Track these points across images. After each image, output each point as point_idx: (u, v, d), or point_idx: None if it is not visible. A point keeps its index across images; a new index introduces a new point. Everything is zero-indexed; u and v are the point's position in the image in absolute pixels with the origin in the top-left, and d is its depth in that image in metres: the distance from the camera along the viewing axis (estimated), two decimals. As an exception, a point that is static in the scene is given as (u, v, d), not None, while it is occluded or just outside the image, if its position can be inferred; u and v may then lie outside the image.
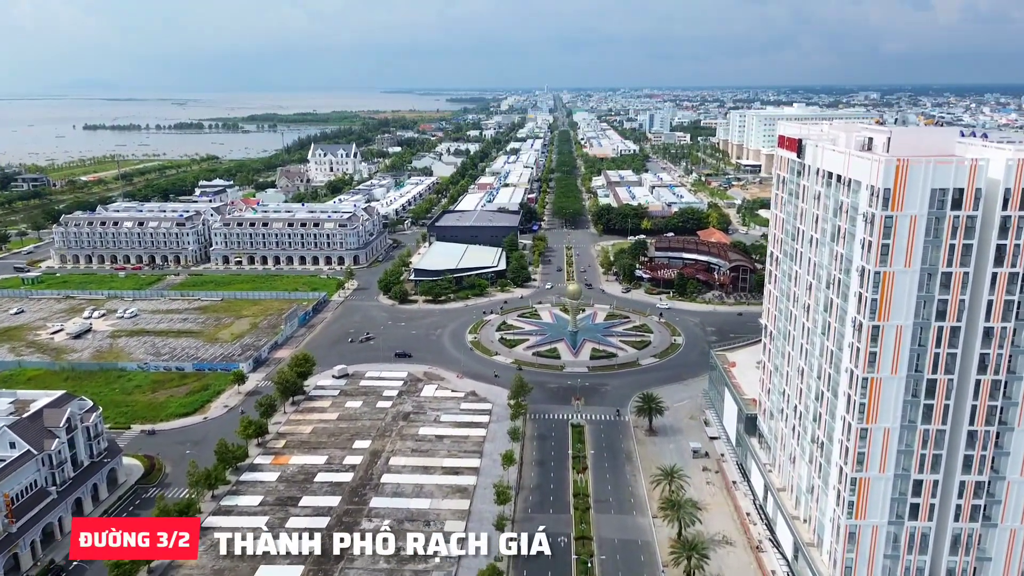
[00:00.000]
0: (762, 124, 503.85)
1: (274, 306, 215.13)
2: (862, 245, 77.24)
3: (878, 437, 79.49)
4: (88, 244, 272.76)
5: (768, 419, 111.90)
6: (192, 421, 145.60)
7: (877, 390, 78.11)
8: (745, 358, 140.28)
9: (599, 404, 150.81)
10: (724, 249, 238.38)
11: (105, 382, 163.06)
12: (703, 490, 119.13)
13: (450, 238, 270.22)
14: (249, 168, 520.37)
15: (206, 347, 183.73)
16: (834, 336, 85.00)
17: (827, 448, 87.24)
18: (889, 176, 73.07)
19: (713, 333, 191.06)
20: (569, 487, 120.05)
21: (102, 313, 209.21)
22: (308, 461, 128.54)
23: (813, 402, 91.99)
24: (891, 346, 76.79)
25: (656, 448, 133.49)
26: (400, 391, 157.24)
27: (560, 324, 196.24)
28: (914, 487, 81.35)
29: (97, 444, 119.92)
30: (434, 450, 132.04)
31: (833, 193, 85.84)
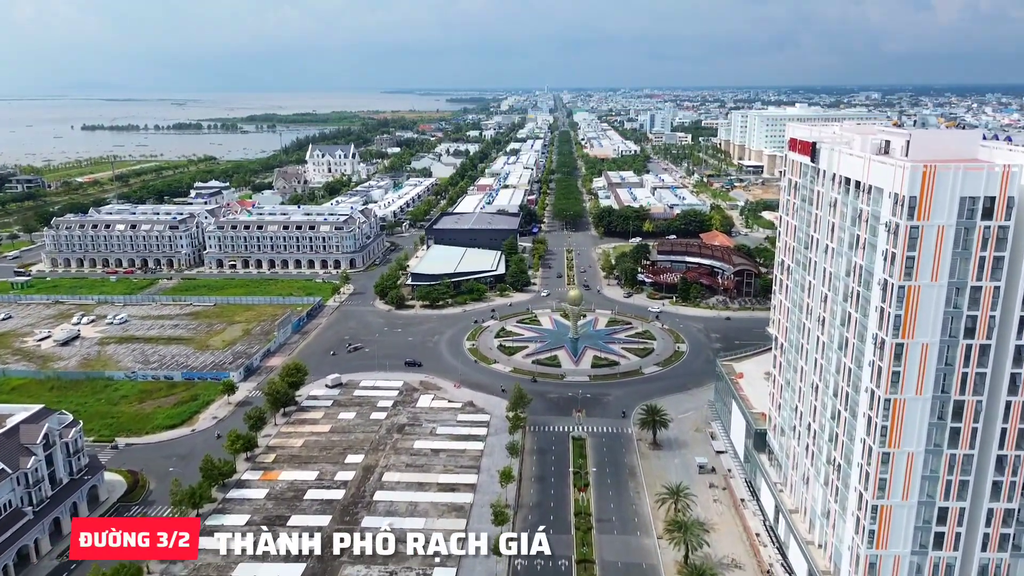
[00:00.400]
0: (764, 124, 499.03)
1: (268, 311, 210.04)
2: (884, 257, 72.09)
3: (901, 462, 74.34)
4: (79, 247, 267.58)
5: (779, 435, 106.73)
6: (179, 434, 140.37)
7: (900, 412, 72.94)
8: (753, 369, 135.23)
9: (601, 416, 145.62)
10: (728, 253, 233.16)
11: (91, 392, 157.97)
12: (710, 508, 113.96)
13: (448, 241, 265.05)
14: (246, 169, 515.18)
15: (196, 355, 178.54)
16: (852, 352, 79.81)
17: (845, 471, 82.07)
18: (915, 183, 67.92)
19: (718, 340, 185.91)
20: (570, 505, 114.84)
21: (91, 319, 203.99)
22: (298, 477, 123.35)
23: (829, 421, 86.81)
24: (916, 365, 71.65)
25: (660, 463, 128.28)
26: (395, 401, 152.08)
27: (560, 330, 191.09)
28: (939, 515, 76.23)
29: (77, 461, 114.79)
30: (429, 465, 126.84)
31: (851, 200, 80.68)
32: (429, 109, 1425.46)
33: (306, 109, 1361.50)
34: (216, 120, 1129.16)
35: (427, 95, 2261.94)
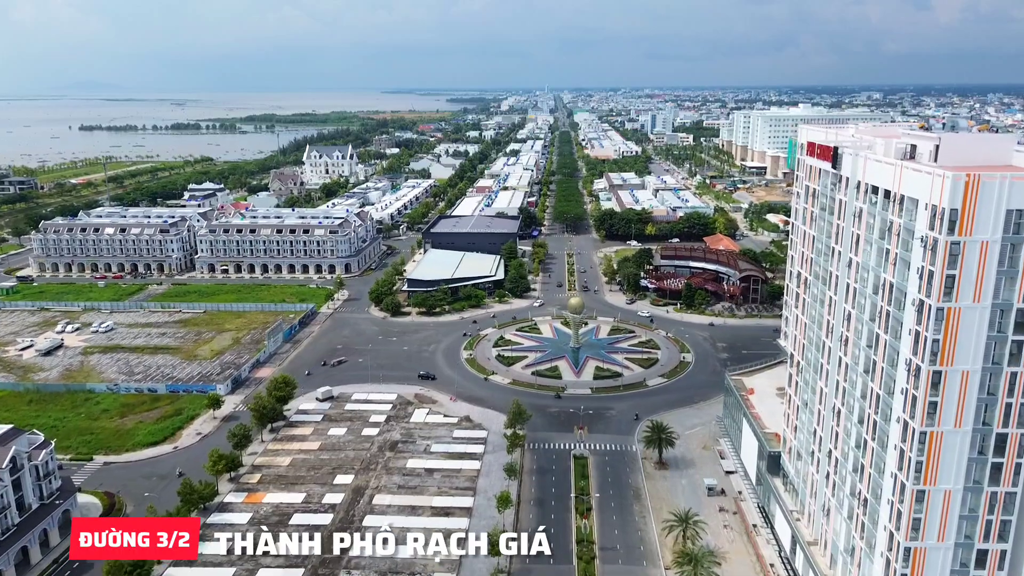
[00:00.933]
0: (768, 125, 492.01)
1: (259, 319, 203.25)
2: (919, 274, 65.27)
3: (937, 500, 67.56)
4: (68, 252, 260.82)
5: (795, 459, 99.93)
6: (160, 451, 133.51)
7: (937, 446, 66.15)
8: (764, 384, 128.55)
9: (604, 432, 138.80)
10: (733, 257, 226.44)
11: (71, 405, 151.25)
12: (720, 535, 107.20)
13: (446, 245, 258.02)
14: (243, 170, 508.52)
15: (183, 365, 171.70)
16: (881, 378, 72.97)
17: (872, 507, 75.22)
18: (956, 194, 61.11)
19: (724, 349, 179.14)
20: (572, 532, 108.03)
21: (76, 327, 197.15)
22: (284, 499, 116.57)
23: (853, 450, 79.98)
24: (955, 395, 64.87)
25: (667, 484, 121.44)
26: (388, 416, 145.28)
27: (561, 339, 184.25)
28: (978, 557, 69.48)
29: (48, 484, 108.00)
30: (423, 487, 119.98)
31: (879, 211, 73.87)
32: (429, 109, 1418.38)
33: (306, 109, 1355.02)
34: (215, 120, 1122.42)
35: (427, 95, 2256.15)
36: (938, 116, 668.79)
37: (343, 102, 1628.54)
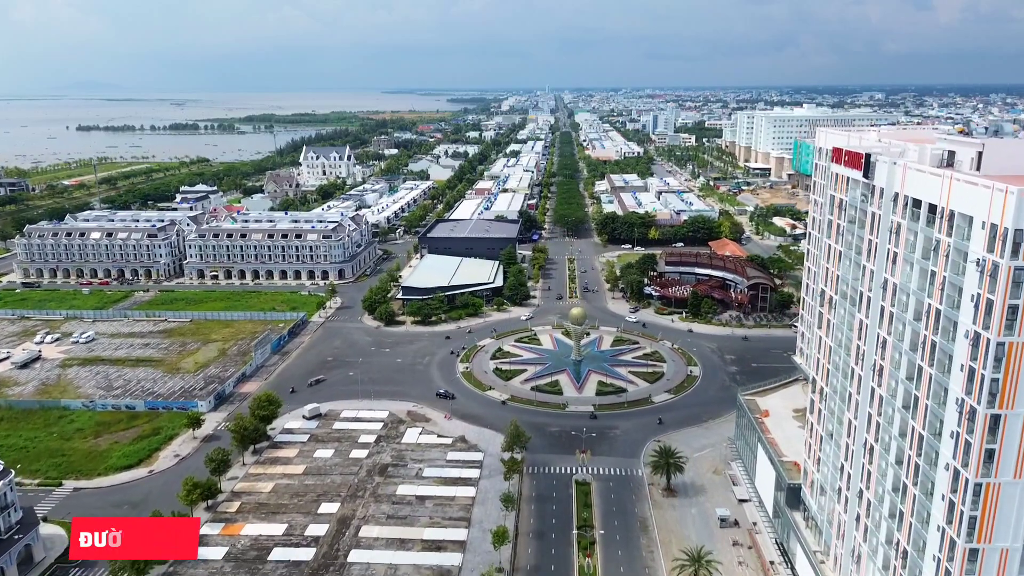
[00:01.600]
0: (771, 126, 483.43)
1: (247, 328, 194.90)
2: (974, 303, 56.86)
3: (993, 560, 59.15)
4: (53, 257, 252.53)
5: (818, 494, 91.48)
6: (135, 476, 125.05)
7: (994, 499, 57.75)
8: (779, 404, 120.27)
9: (608, 454, 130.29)
10: (741, 264, 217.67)
11: (44, 423, 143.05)
12: (735, 573, 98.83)
13: (443, 250, 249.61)
14: (238, 172, 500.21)
15: (165, 379, 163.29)
16: (925, 417, 64.54)
17: (913, 560, 66.77)
18: (1021, 212, 52.65)
19: (733, 362, 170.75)
20: (574, 570, 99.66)
21: (56, 337, 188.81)
22: (264, 531, 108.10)
23: (890, 493, 71.54)
24: (1015, 442, 56.45)
25: (676, 513, 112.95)
26: (379, 436, 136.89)
27: (562, 351, 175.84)
28: (1037, 624, 60.92)
29: (7, 517, 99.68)
30: (413, 517, 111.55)
31: (922, 228, 65.43)
32: (429, 109, 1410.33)
33: (305, 109, 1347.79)
34: (213, 120, 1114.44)
35: (427, 95, 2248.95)
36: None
37: (343, 102, 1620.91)
